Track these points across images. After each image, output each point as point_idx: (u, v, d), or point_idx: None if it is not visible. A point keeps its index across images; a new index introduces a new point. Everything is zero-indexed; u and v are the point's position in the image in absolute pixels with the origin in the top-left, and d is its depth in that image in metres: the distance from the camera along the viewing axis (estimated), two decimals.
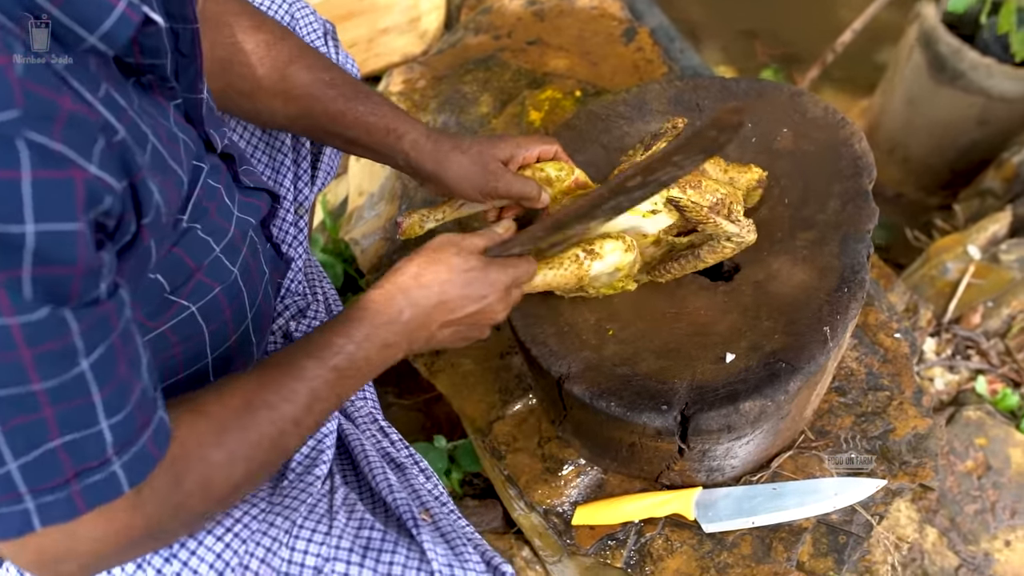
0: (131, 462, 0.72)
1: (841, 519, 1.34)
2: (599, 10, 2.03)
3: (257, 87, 1.14)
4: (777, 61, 3.40)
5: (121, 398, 0.71)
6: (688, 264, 1.22)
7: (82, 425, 0.68)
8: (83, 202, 0.62)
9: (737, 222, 1.18)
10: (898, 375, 1.44)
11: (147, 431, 0.74)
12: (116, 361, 0.70)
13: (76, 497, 0.70)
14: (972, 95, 2.70)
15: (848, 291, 1.21)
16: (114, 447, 0.71)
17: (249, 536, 0.99)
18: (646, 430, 1.19)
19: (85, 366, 0.66)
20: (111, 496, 0.72)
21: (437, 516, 1.07)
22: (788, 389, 1.15)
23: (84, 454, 0.69)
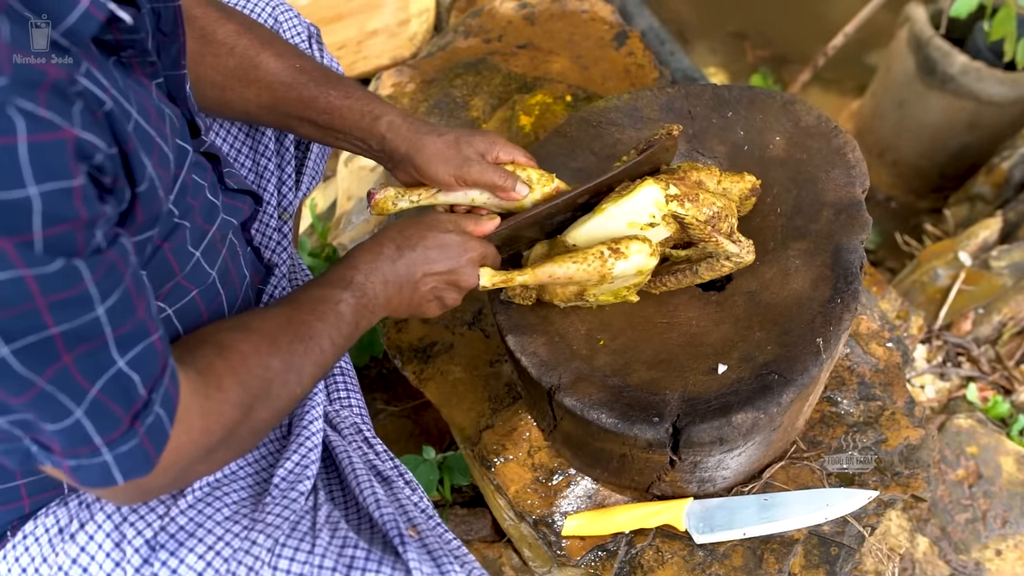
0: (164, 401, 0.75)
1: (833, 530, 1.33)
2: (590, 14, 2.02)
3: (228, 77, 1.13)
4: (766, 63, 3.40)
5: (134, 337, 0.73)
6: (684, 279, 1.22)
7: (104, 366, 0.70)
8: (74, 158, 0.63)
9: (738, 243, 1.18)
10: (890, 385, 1.44)
11: (167, 369, 0.76)
12: (133, 302, 0.72)
13: (146, 443, 0.74)
14: (962, 99, 2.70)
15: (841, 302, 1.20)
16: (144, 385, 0.74)
17: (231, 555, 0.98)
18: (637, 441, 1.18)
19: (100, 311, 0.68)
20: (163, 439, 0.75)
21: (423, 531, 1.06)
22: (781, 401, 1.14)
23: (126, 396, 0.72)
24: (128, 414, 0.72)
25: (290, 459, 1.09)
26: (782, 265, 1.24)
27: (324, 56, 1.40)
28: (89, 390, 0.70)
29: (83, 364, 0.69)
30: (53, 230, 0.62)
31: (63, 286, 0.64)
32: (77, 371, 0.68)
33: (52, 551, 0.98)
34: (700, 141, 1.37)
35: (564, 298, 1.20)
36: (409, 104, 1.90)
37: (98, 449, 0.72)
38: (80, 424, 0.70)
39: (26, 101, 0.59)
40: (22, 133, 0.59)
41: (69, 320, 0.66)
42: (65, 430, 0.70)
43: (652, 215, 1.15)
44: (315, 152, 1.38)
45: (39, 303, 0.63)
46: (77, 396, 0.69)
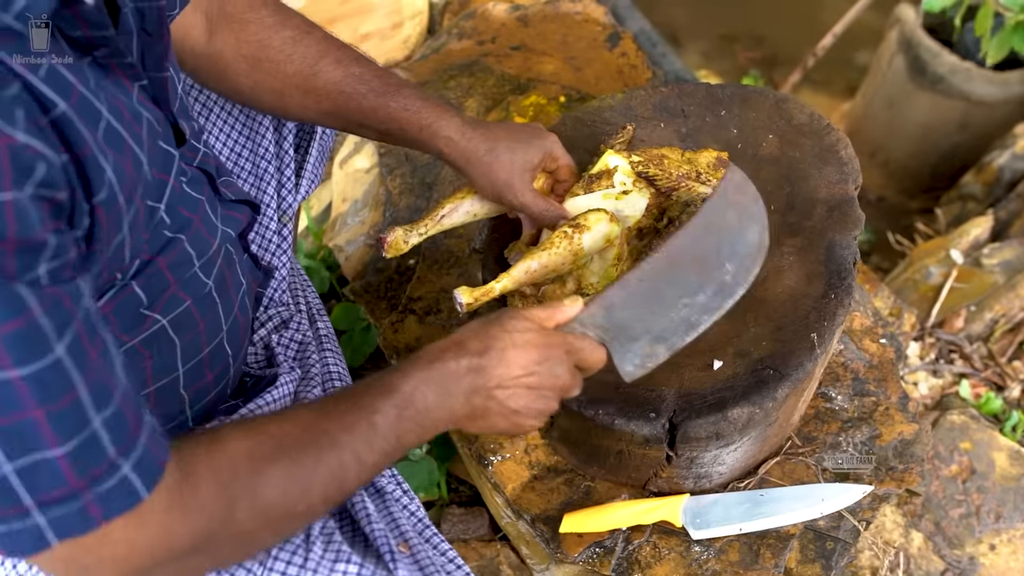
0: (140, 465, 0.69)
1: (828, 525, 1.34)
2: (583, 15, 2.03)
3: (286, 85, 1.13)
4: (757, 64, 3.42)
5: (103, 391, 0.67)
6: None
7: (78, 424, 0.65)
8: (10, 171, 0.59)
9: (708, 183, 1.18)
10: (884, 380, 1.45)
11: (143, 432, 0.71)
12: (86, 350, 0.66)
13: (91, 507, 0.67)
14: (952, 99, 2.72)
15: (835, 297, 1.21)
16: (116, 448, 0.68)
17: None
18: (634, 438, 1.18)
19: (60, 352, 0.63)
20: (129, 504, 0.69)
21: (415, 547, 1.04)
22: (776, 396, 1.15)
23: (86, 458, 0.66)
24: (84, 479, 0.67)
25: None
26: (776, 261, 1.25)
27: None
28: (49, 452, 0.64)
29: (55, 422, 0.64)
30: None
31: (5, 313, 0.60)
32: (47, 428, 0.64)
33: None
34: (694, 139, 1.38)
35: (555, 274, 1.19)
36: None
37: (28, 511, 0.65)
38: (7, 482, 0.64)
39: None
40: None
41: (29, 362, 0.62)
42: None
43: (623, 183, 1.15)
44: (314, 155, 1.38)
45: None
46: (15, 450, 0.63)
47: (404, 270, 1.67)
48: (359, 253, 1.75)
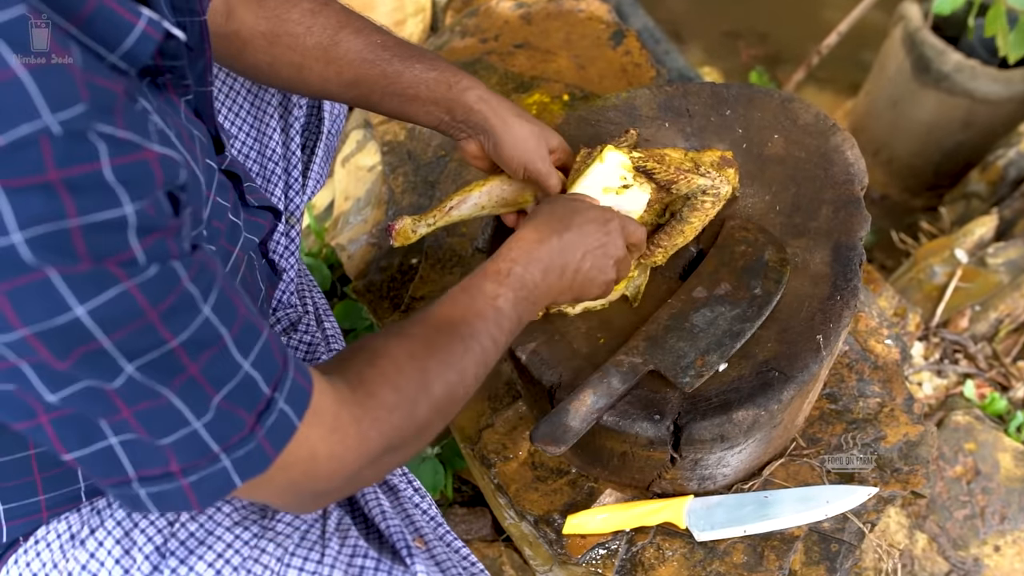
0: (291, 396, 0.74)
1: (833, 527, 1.33)
2: (587, 13, 2.02)
3: (306, 57, 1.12)
4: (761, 62, 3.41)
5: (250, 332, 0.72)
6: (674, 230, 1.21)
7: (231, 371, 0.70)
8: (161, 178, 0.64)
9: (707, 174, 1.17)
10: (889, 382, 1.44)
11: (289, 366, 0.75)
12: (231, 298, 0.71)
13: (264, 443, 0.73)
14: (957, 97, 2.71)
15: (841, 299, 1.20)
16: (269, 383, 0.73)
17: (240, 563, 0.97)
18: (638, 439, 1.18)
19: (207, 311, 0.68)
20: (288, 432, 0.74)
21: (431, 542, 1.05)
22: (781, 398, 1.15)
23: (249, 397, 0.72)
24: (252, 416, 0.72)
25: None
26: None
27: None
28: (212, 399, 0.69)
29: (209, 372, 0.69)
30: (148, 240, 0.62)
31: (165, 290, 0.64)
32: (204, 380, 0.68)
33: (63, 556, 0.97)
34: (699, 139, 1.37)
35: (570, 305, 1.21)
36: None
37: (217, 456, 0.71)
38: (197, 435, 0.69)
39: (105, 125, 0.59)
40: (104, 158, 0.58)
41: (185, 327, 0.66)
42: (181, 441, 0.69)
43: (622, 177, 1.15)
44: (320, 155, 1.38)
45: (151, 316, 0.63)
46: (200, 406, 0.69)
47: (407, 269, 1.66)
48: (361, 252, 1.75)
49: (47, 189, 0.56)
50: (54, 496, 0.95)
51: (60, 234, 0.57)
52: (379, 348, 0.85)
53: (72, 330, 0.60)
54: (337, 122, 1.44)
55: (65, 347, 0.61)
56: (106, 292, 0.60)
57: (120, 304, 0.61)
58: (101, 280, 0.60)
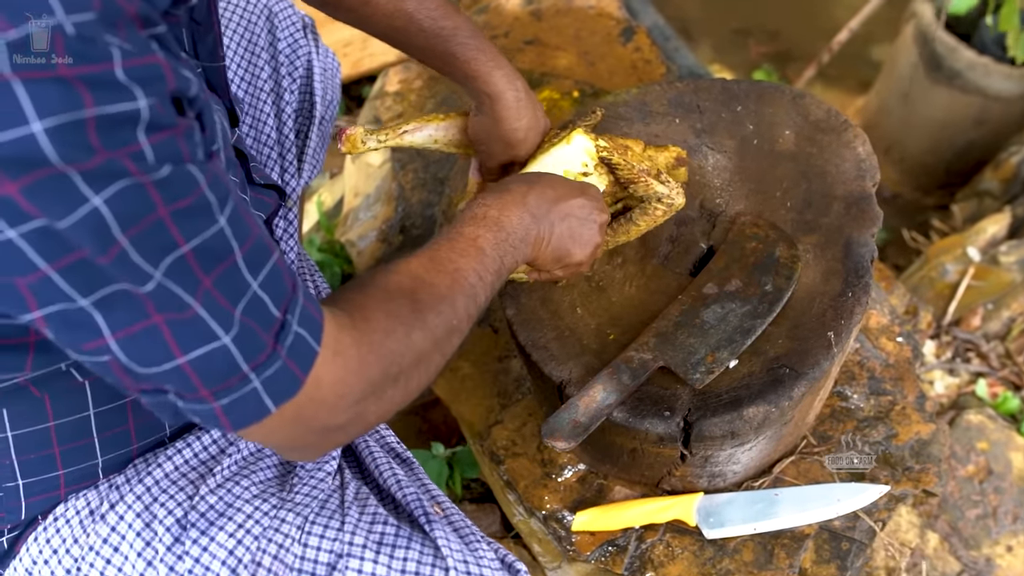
0: (304, 320, 0.73)
1: (844, 525, 1.32)
2: (596, 9, 2.01)
3: (337, 4, 1.15)
4: (770, 59, 3.39)
5: (261, 254, 0.71)
6: (620, 228, 1.21)
7: (242, 289, 0.69)
8: (173, 82, 0.63)
9: (667, 183, 1.17)
10: (900, 379, 1.43)
11: (298, 291, 0.74)
12: (244, 216, 0.70)
13: (289, 363, 0.72)
14: (969, 94, 2.69)
15: (852, 295, 1.19)
16: (278, 306, 0.72)
17: (261, 532, 0.99)
18: (648, 436, 1.17)
19: (223, 222, 0.67)
20: (311, 356, 0.73)
21: (448, 510, 1.06)
22: (792, 395, 1.14)
23: (263, 318, 0.70)
24: (269, 335, 0.71)
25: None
26: None
27: (319, 48, 1.40)
28: (234, 313, 0.68)
29: (223, 286, 0.68)
30: (157, 137, 0.61)
31: (181, 191, 0.64)
32: (219, 293, 0.67)
33: (83, 532, 0.98)
34: (709, 135, 1.37)
35: None
36: (416, 100, 1.90)
37: (247, 376, 0.70)
38: (228, 350, 0.68)
39: (111, 36, 0.59)
40: (117, 60, 0.59)
41: (198, 233, 0.65)
42: (213, 358, 0.68)
43: (584, 164, 1.15)
44: (314, 140, 1.39)
45: (162, 213, 0.62)
46: (225, 320, 0.68)
47: None
48: (371, 248, 1.75)
49: (63, 82, 0.56)
50: (72, 472, 0.97)
51: (77, 125, 0.57)
52: (368, 280, 0.85)
53: (94, 225, 0.60)
54: (331, 108, 1.45)
55: (93, 247, 0.61)
56: (118, 182, 0.60)
57: (133, 197, 0.61)
58: (114, 171, 0.60)
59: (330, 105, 1.44)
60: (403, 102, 1.91)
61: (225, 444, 1.07)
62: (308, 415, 0.76)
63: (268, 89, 1.31)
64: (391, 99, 1.93)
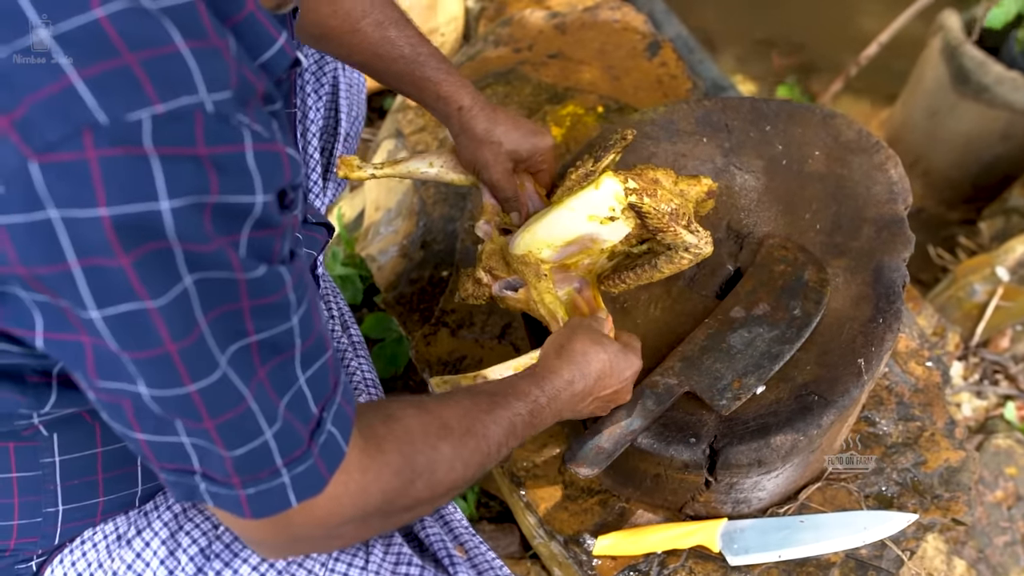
0: (338, 419, 0.75)
1: (871, 554, 1.30)
2: (622, 23, 2.00)
3: (328, 33, 1.19)
4: (794, 71, 3.36)
5: (318, 350, 0.73)
6: (644, 274, 1.20)
7: (290, 381, 0.70)
8: (289, 174, 0.65)
9: (696, 232, 1.16)
10: (929, 405, 1.40)
11: (338, 390, 0.76)
12: (313, 311, 0.72)
13: (319, 463, 0.72)
14: (996, 109, 2.66)
15: (883, 322, 1.17)
16: (318, 403, 0.73)
17: (284, 567, 0.98)
18: (673, 462, 1.16)
19: (295, 320, 0.69)
20: (337, 459, 0.74)
21: (471, 551, 1.05)
22: (821, 423, 1.12)
23: (303, 412, 0.71)
24: (306, 431, 0.72)
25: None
26: None
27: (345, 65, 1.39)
28: (278, 407, 0.69)
29: (274, 378, 0.69)
30: (257, 234, 0.63)
31: (269, 290, 0.65)
32: (270, 386, 0.68)
33: (108, 557, 0.98)
34: (737, 155, 1.35)
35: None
36: None
37: (278, 471, 0.71)
38: (267, 445, 0.69)
39: (243, 115, 0.60)
40: (248, 142, 0.60)
41: (268, 328, 0.66)
42: (252, 452, 0.69)
43: (612, 208, 1.12)
44: (337, 159, 1.38)
45: (243, 305, 0.64)
46: (270, 414, 0.69)
47: (437, 282, 1.65)
48: (392, 263, 1.73)
49: (196, 162, 0.57)
50: (112, 499, 0.97)
51: (199, 207, 0.58)
52: (396, 413, 0.84)
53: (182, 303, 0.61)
54: (355, 125, 1.45)
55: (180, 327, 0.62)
56: (215, 271, 0.61)
57: (222, 286, 0.62)
58: (219, 260, 0.61)
59: (355, 121, 1.43)
60: (425, 115, 1.90)
61: None
62: (293, 523, 0.75)
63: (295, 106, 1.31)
64: (413, 112, 1.92)
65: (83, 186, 0.55)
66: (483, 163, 1.23)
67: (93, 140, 0.55)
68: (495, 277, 1.22)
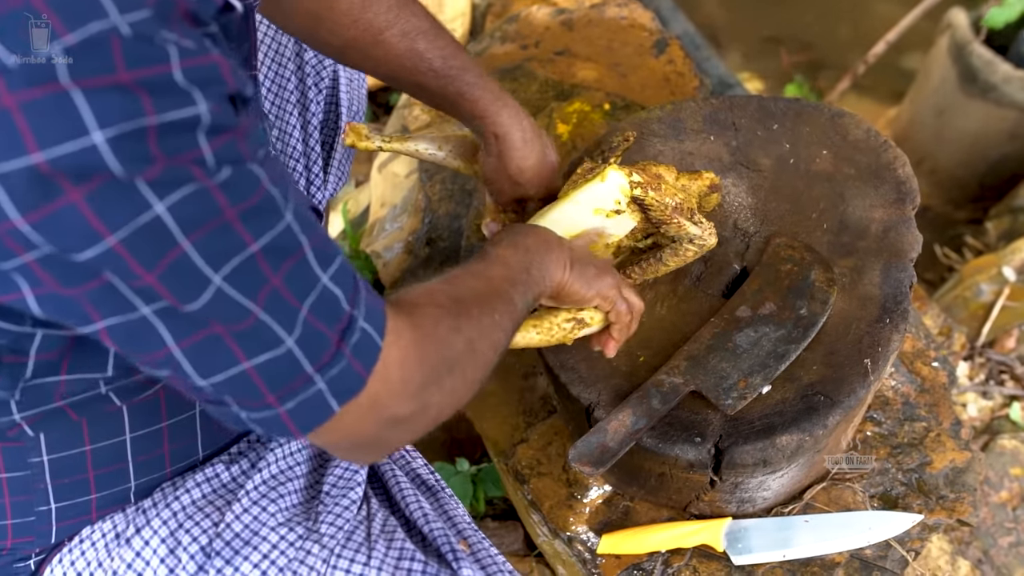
0: (370, 315, 0.73)
1: (875, 554, 1.30)
2: (629, 20, 1.99)
3: (347, 46, 1.12)
4: (801, 69, 3.36)
5: (327, 247, 0.71)
6: (649, 268, 1.20)
7: (311, 283, 0.68)
8: (232, 82, 0.62)
9: (699, 224, 1.16)
10: (935, 405, 1.40)
11: (360, 287, 0.73)
12: (308, 215, 0.69)
13: (352, 363, 0.70)
14: (1004, 108, 2.65)
15: (890, 322, 1.17)
16: (348, 301, 0.71)
17: (286, 564, 0.97)
18: (678, 462, 1.15)
19: (289, 217, 0.66)
20: (375, 351, 0.72)
21: (474, 545, 1.05)
22: (827, 423, 1.12)
23: (331, 314, 0.70)
24: (335, 333, 0.70)
25: (338, 464, 1.08)
26: None
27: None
28: (300, 311, 0.67)
29: (292, 282, 0.67)
30: (218, 141, 0.60)
31: (247, 191, 0.63)
32: (289, 291, 0.66)
33: (108, 555, 0.97)
34: (744, 153, 1.34)
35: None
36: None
37: (311, 378, 0.69)
38: (292, 354, 0.67)
39: (168, 32, 0.58)
40: (175, 60, 0.58)
41: (266, 232, 0.64)
42: (276, 362, 0.67)
43: (617, 201, 1.13)
44: (339, 152, 1.38)
45: (228, 215, 0.62)
46: (289, 321, 0.67)
47: None
48: (397, 260, 1.73)
49: (123, 90, 0.55)
50: (105, 496, 0.96)
51: (138, 133, 0.56)
52: (406, 288, 0.84)
53: (155, 231, 0.59)
54: (356, 119, 1.45)
55: (151, 254, 0.60)
56: (182, 188, 0.59)
57: (198, 202, 0.60)
58: (177, 177, 0.59)
59: (355, 116, 1.43)
60: (431, 111, 1.89)
61: (248, 467, 1.06)
62: (377, 405, 0.74)
63: (294, 100, 1.31)
64: (419, 108, 1.92)
65: (9, 135, 0.54)
66: (498, 191, 1.22)
67: (7, 85, 0.53)
68: None
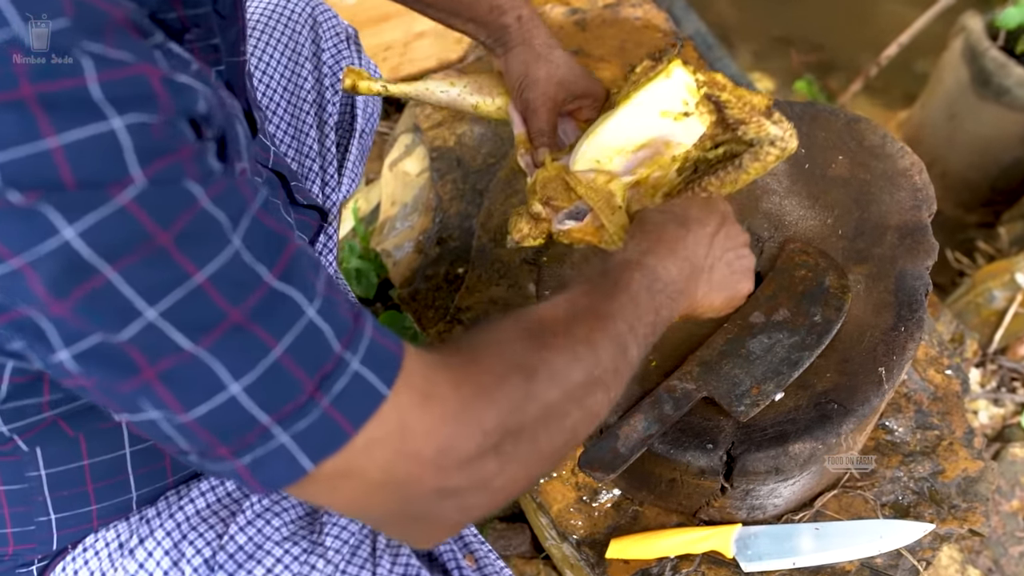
0: (371, 358, 0.61)
1: (886, 563, 1.29)
2: (643, 21, 1.98)
3: None
4: (812, 69, 3.34)
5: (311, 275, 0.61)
6: (728, 176, 1.03)
7: (289, 318, 0.59)
8: (167, 97, 0.55)
9: (780, 123, 1.02)
10: (948, 414, 1.39)
11: (365, 323, 0.63)
12: (277, 234, 0.60)
13: (331, 412, 0.59)
14: (1017, 112, 2.64)
15: (905, 330, 1.16)
16: (338, 339, 0.60)
17: None
18: (689, 468, 1.15)
19: (237, 242, 0.57)
20: (371, 404, 0.60)
21: (480, 559, 1.04)
22: (840, 432, 1.11)
23: (313, 355, 0.59)
24: (312, 379, 0.59)
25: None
26: None
27: (361, 58, 1.38)
28: (272, 351, 0.58)
29: (261, 318, 0.57)
30: (155, 166, 0.54)
31: (175, 209, 0.55)
32: (261, 329, 0.57)
33: (111, 565, 0.96)
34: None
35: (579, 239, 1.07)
36: None
37: (267, 430, 0.59)
38: (236, 401, 0.57)
39: (92, 43, 0.53)
40: (91, 73, 0.52)
41: (208, 258, 0.56)
42: (220, 412, 0.58)
43: (685, 101, 0.99)
44: (354, 153, 1.37)
45: (162, 240, 0.54)
46: (244, 363, 0.57)
47: (452, 278, 1.64)
48: (407, 259, 1.73)
49: (20, 107, 0.50)
50: (106, 506, 0.95)
51: (41, 156, 0.51)
52: (478, 327, 0.73)
53: (64, 257, 0.52)
54: (371, 121, 1.44)
55: (63, 281, 0.53)
56: (97, 210, 0.52)
57: (117, 224, 0.53)
58: (91, 199, 0.52)
59: (370, 118, 1.42)
60: (442, 110, 1.88)
61: None
62: (405, 475, 0.63)
63: (311, 100, 1.30)
64: (430, 106, 1.91)
65: None
66: (532, 80, 1.11)
67: None
68: (554, 208, 1.06)
